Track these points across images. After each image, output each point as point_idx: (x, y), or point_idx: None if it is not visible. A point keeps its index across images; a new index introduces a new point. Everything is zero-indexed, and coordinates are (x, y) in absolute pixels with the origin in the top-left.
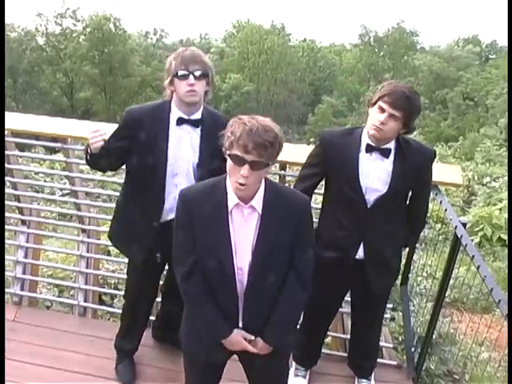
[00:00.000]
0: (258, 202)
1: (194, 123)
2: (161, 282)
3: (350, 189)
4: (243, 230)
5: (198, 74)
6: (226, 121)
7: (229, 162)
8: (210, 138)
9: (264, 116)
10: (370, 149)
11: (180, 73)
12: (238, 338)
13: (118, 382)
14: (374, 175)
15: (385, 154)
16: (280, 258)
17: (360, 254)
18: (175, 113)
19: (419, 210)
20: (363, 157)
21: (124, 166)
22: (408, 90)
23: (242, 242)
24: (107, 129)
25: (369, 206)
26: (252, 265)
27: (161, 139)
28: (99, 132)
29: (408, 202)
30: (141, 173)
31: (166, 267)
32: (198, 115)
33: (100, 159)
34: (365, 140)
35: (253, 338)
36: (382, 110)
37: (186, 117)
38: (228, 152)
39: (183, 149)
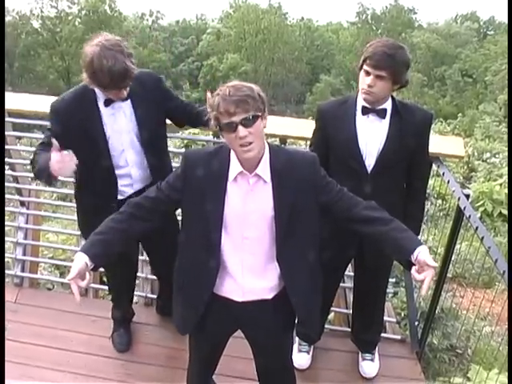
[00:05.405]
0: (263, 169)
1: (123, 100)
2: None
3: (350, 156)
4: (251, 199)
5: None
6: (152, 75)
7: (224, 133)
8: (142, 102)
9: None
10: (365, 111)
11: None
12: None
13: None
14: (372, 137)
15: (381, 114)
16: (304, 222)
17: None
18: (101, 95)
19: (421, 170)
20: (360, 120)
21: None
22: (389, 46)
23: (249, 211)
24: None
25: (369, 172)
26: (277, 234)
27: (94, 124)
28: (68, 157)
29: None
30: (85, 162)
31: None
32: None
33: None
34: (360, 103)
35: None
36: (368, 73)
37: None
38: (218, 126)
39: (120, 123)
